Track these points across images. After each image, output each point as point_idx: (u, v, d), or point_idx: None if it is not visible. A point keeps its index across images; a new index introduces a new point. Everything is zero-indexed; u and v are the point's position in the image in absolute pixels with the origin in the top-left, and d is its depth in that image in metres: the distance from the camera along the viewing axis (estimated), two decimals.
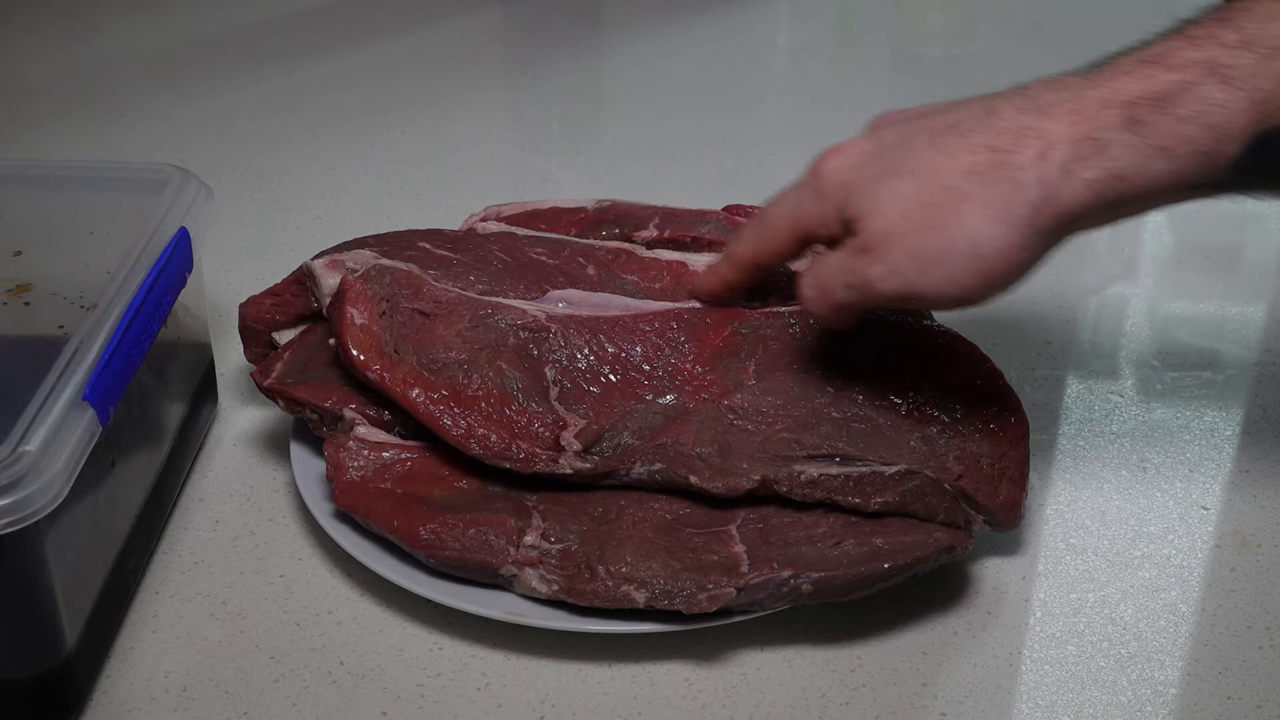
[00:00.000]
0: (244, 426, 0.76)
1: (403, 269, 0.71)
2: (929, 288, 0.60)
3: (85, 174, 0.76)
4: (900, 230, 0.60)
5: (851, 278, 0.62)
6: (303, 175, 1.02)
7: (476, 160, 1.06)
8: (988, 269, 0.59)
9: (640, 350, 0.69)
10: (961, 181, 0.58)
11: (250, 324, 0.74)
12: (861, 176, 0.62)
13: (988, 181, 0.58)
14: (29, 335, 0.73)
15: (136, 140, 1.08)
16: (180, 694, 0.61)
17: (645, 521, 0.64)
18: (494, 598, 0.62)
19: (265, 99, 1.14)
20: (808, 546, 0.62)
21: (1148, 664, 0.62)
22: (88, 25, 1.28)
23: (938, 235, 0.59)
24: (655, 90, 1.17)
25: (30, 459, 0.54)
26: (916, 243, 0.59)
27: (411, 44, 1.25)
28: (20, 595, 0.56)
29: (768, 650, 0.63)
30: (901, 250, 0.60)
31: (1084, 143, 0.57)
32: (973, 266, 0.58)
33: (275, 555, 0.68)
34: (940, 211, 0.59)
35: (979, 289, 0.59)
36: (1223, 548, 0.68)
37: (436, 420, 0.65)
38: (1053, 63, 0.80)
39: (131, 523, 0.65)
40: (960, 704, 0.60)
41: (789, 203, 0.66)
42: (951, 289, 0.59)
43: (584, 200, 0.83)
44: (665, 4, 1.32)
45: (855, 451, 0.65)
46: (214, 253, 0.87)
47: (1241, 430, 0.76)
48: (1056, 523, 0.70)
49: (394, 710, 0.60)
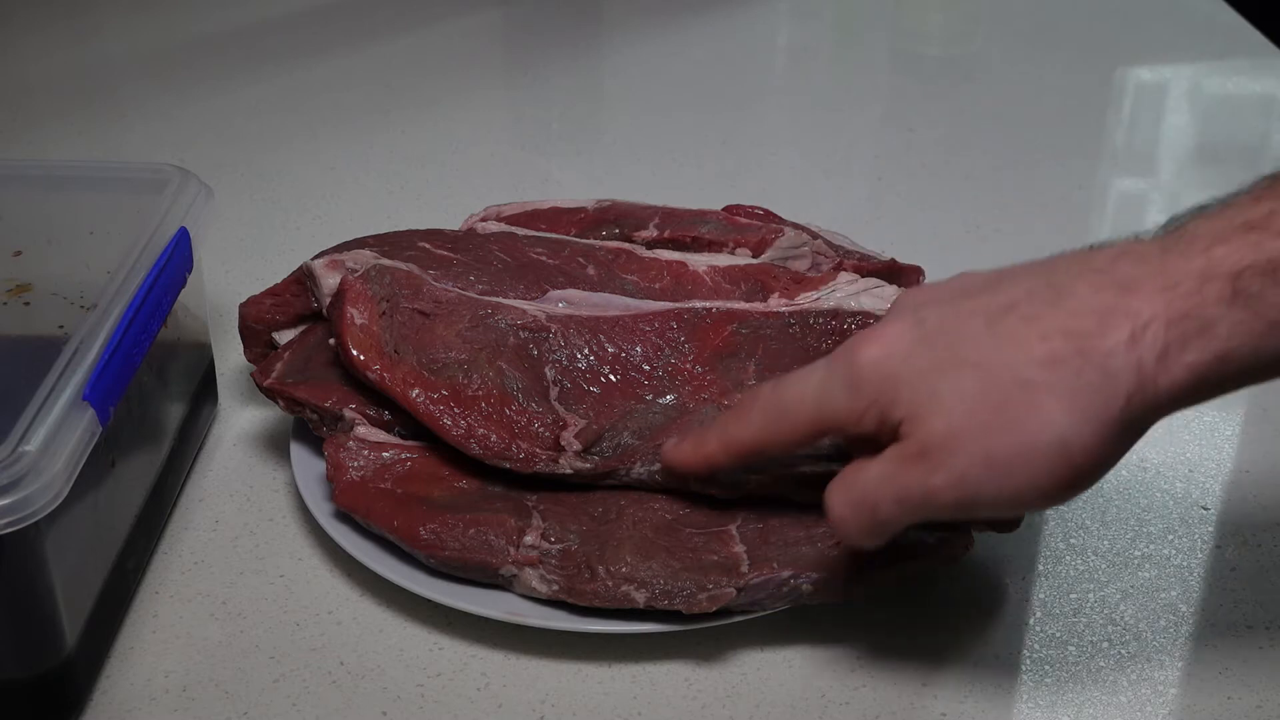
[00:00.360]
0: (244, 426, 0.76)
1: (403, 269, 0.71)
2: (1004, 494, 0.52)
3: (85, 174, 0.76)
4: (968, 431, 0.52)
5: (904, 491, 0.53)
6: (303, 175, 1.02)
7: (476, 160, 1.06)
8: (1074, 470, 0.51)
9: (640, 350, 0.69)
10: (1038, 373, 0.51)
11: (250, 324, 0.74)
12: (910, 370, 0.54)
13: (1070, 372, 0.51)
14: (29, 335, 0.73)
15: (136, 140, 1.08)
16: (180, 694, 0.61)
17: (645, 521, 0.64)
18: (494, 598, 0.62)
19: (265, 99, 1.14)
20: (808, 546, 0.62)
21: (1148, 664, 0.62)
22: (88, 25, 1.28)
23: (1015, 435, 0.51)
24: (655, 90, 1.17)
25: (30, 459, 0.54)
26: (989, 444, 0.52)
27: (411, 44, 1.25)
28: (20, 595, 0.56)
29: (768, 650, 0.63)
30: (970, 454, 0.52)
31: (1185, 322, 0.50)
32: (1057, 468, 0.51)
33: (275, 555, 0.68)
34: (1015, 408, 0.51)
35: (1062, 493, 0.52)
36: (1223, 548, 0.68)
37: (436, 420, 0.65)
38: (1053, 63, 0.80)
39: (131, 523, 0.65)
40: (960, 704, 0.60)
41: (812, 392, 0.57)
42: (1031, 494, 0.52)
43: (584, 200, 0.83)
44: (665, 4, 1.32)
45: None
46: (214, 253, 0.87)
47: (1241, 430, 0.76)
48: (1056, 523, 0.70)
49: (394, 710, 0.60)
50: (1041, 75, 1.16)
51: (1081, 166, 1.04)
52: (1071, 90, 1.14)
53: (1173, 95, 1.17)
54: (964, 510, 0.54)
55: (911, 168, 1.02)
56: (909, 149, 1.06)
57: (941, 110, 1.13)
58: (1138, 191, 1.02)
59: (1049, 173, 1.02)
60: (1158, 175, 1.04)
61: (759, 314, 0.71)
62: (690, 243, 0.79)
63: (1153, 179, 1.03)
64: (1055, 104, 1.12)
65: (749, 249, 0.78)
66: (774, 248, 0.78)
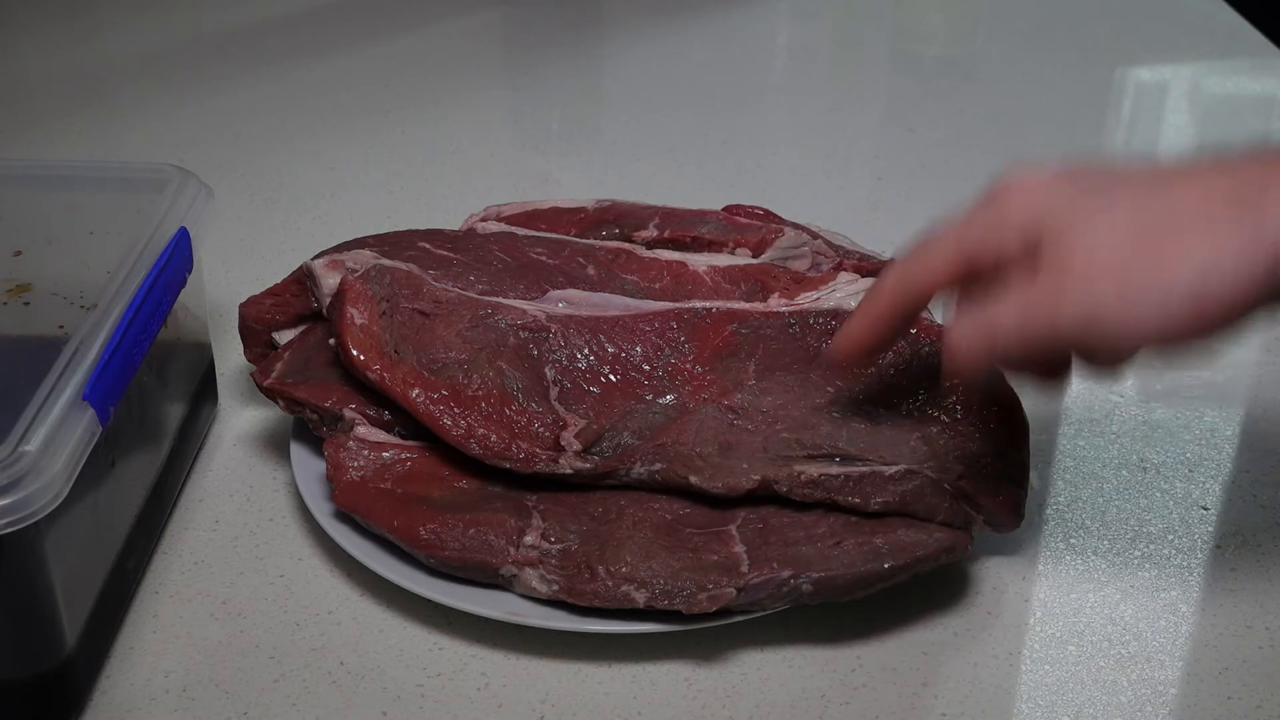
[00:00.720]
0: (244, 426, 0.76)
1: (403, 269, 0.71)
2: (1129, 325, 0.52)
3: (85, 174, 0.76)
4: (1112, 261, 0.52)
5: (1032, 309, 0.54)
6: (303, 175, 1.02)
7: (476, 160, 1.06)
8: (1206, 305, 0.52)
9: (640, 350, 0.69)
10: (1193, 220, 0.52)
11: (250, 324, 0.74)
12: (1061, 200, 0.55)
13: (1223, 218, 0.51)
14: (29, 335, 0.73)
15: (136, 140, 1.08)
16: (180, 694, 0.61)
17: (645, 521, 0.64)
18: (494, 598, 0.62)
19: (265, 99, 1.14)
20: (808, 546, 0.62)
21: (1148, 664, 0.62)
22: (88, 25, 1.28)
23: (1156, 266, 0.52)
24: (655, 90, 1.17)
25: (30, 459, 0.54)
26: (1129, 275, 0.52)
27: (411, 44, 1.25)
28: (20, 595, 0.56)
29: (768, 650, 0.63)
30: (1107, 282, 0.52)
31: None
32: (1190, 298, 0.51)
33: (275, 555, 0.68)
34: (1163, 244, 0.52)
35: (1184, 332, 0.52)
36: (1223, 548, 0.68)
37: (436, 420, 0.65)
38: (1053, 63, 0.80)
39: (131, 523, 0.65)
40: (960, 704, 0.60)
41: (959, 222, 0.58)
42: (1154, 328, 0.52)
43: (584, 200, 0.83)
44: (665, 4, 1.32)
45: (855, 451, 0.65)
46: (214, 253, 0.87)
47: (1241, 430, 0.76)
48: (1056, 523, 0.70)
49: (394, 710, 0.60)
50: (1041, 75, 1.16)
51: None
52: (1071, 90, 1.14)
53: (1173, 95, 1.17)
54: (1084, 340, 0.54)
55: (911, 168, 1.02)
56: (909, 149, 1.06)
57: (941, 110, 1.13)
58: None
59: None
60: None
61: (759, 314, 0.71)
62: (690, 243, 0.79)
63: None
64: (1055, 104, 1.12)
65: (749, 249, 0.78)
66: (774, 248, 0.78)
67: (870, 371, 0.69)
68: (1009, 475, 0.66)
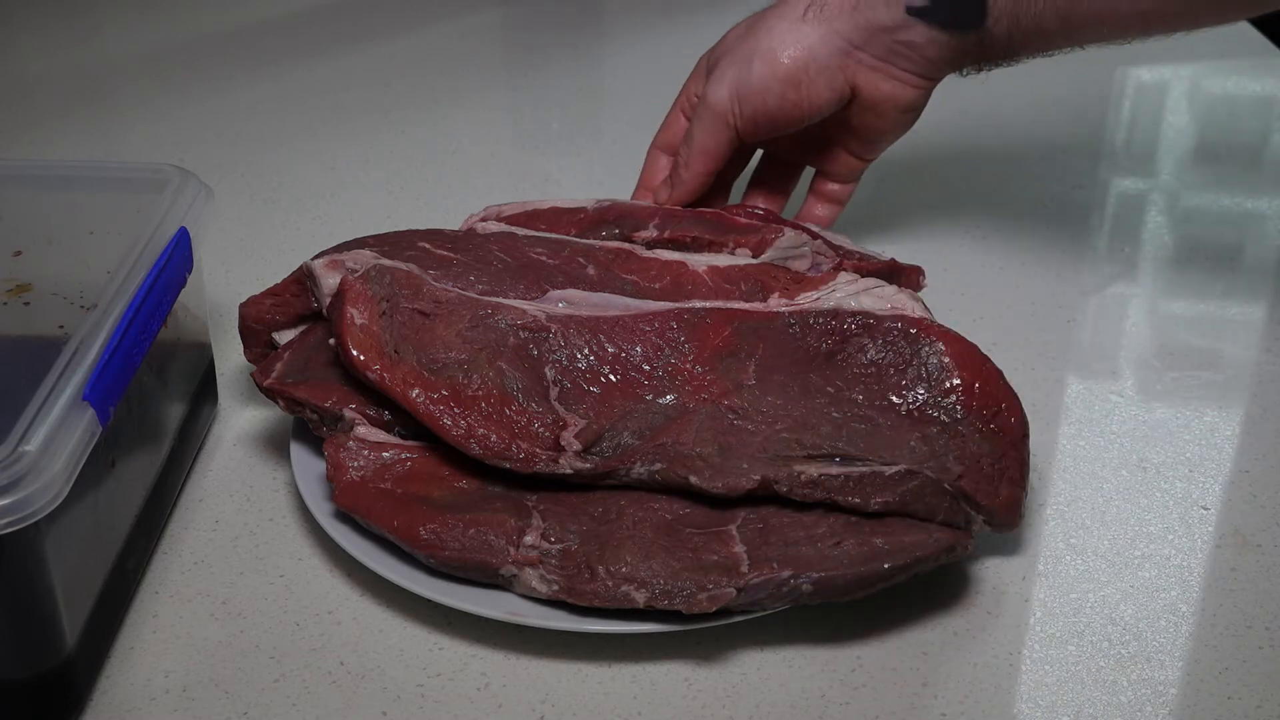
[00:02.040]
0: (244, 426, 0.77)
1: (403, 269, 0.71)
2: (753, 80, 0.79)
3: (85, 174, 0.76)
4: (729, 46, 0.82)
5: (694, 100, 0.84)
6: (303, 175, 1.02)
7: (476, 160, 1.06)
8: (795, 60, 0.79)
9: (640, 350, 0.69)
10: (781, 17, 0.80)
11: (250, 324, 0.74)
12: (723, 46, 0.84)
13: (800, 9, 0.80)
14: (29, 335, 0.73)
15: (136, 140, 1.08)
16: (180, 694, 0.61)
17: (645, 521, 0.64)
18: (494, 598, 0.62)
19: (265, 99, 1.14)
20: (808, 546, 0.62)
21: (1148, 664, 0.62)
22: (88, 25, 1.28)
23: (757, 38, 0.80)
24: (655, 90, 1.17)
25: (30, 459, 0.54)
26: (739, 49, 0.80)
27: (411, 44, 1.25)
28: (20, 595, 0.56)
29: (768, 650, 0.63)
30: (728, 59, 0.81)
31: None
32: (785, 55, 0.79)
33: (275, 555, 0.68)
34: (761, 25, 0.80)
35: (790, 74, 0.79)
36: (1223, 548, 0.68)
37: (436, 420, 0.65)
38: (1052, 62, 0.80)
39: (131, 523, 0.65)
40: (960, 704, 0.60)
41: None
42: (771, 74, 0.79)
43: (584, 200, 0.83)
44: (665, 4, 1.32)
45: (855, 451, 0.65)
46: (214, 253, 0.87)
47: (1241, 430, 0.76)
48: (1056, 523, 0.70)
49: (394, 710, 0.60)
50: (1042, 75, 1.16)
51: (1081, 166, 1.03)
52: (1071, 90, 1.13)
53: (1173, 95, 1.17)
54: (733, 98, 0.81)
55: (912, 168, 1.02)
56: (909, 149, 1.06)
57: (941, 110, 1.13)
58: (1137, 191, 1.02)
59: (1049, 173, 1.02)
60: (1158, 175, 1.04)
61: (759, 314, 0.71)
62: (690, 243, 0.79)
63: (1152, 179, 1.03)
64: (1055, 104, 1.12)
65: (749, 249, 0.78)
66: (774, 248, 0.78)
67: (870, 371, 0.69)
68: (1009, 475, 0.66)
